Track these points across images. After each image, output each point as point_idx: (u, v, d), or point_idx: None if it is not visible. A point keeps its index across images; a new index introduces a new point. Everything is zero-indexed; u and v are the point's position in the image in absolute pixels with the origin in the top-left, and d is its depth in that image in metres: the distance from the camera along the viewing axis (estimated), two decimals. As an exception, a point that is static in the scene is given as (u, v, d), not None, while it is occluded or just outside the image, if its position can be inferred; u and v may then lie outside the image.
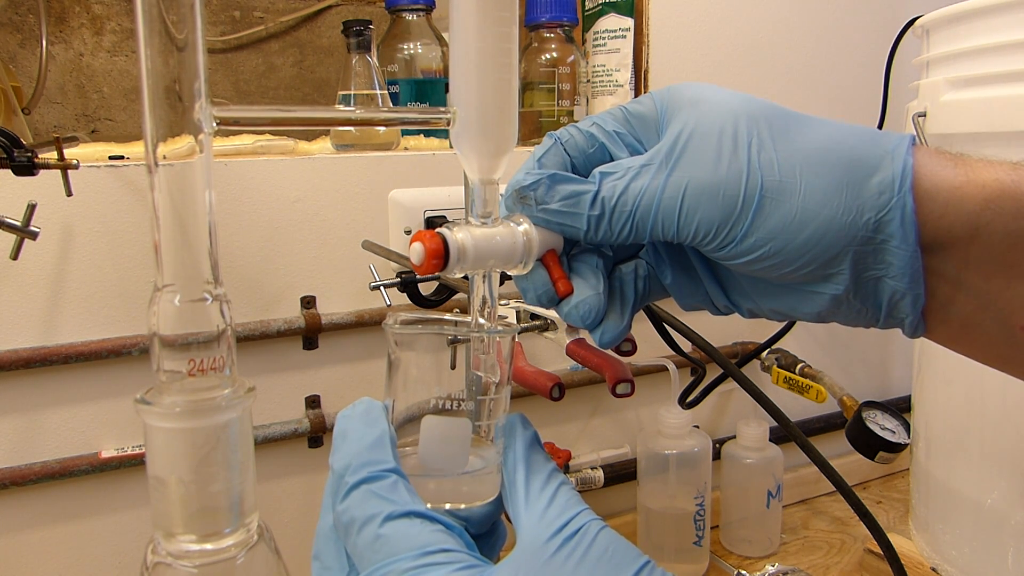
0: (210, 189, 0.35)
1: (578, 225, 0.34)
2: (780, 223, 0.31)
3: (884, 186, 0.31)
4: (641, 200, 0.33)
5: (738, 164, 0.32)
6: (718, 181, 0.32)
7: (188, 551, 0.36)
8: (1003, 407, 0.66)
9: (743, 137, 0.32)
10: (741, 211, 0.32)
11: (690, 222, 0.32)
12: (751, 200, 0.32)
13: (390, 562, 0.29)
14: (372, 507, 0.31)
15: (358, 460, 0.32)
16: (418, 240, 0.32)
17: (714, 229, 0.32)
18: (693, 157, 0.33)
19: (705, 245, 0.33)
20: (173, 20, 0.32)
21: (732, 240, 0.32)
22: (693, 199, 0.32)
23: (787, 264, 0.32)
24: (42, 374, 0.65)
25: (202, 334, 0.35)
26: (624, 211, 0.33)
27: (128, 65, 0.99)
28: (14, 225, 0.59)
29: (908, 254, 0.31)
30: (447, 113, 0.35)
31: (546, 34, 0.87)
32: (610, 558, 0.29)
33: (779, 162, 0.32)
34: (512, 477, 0.33)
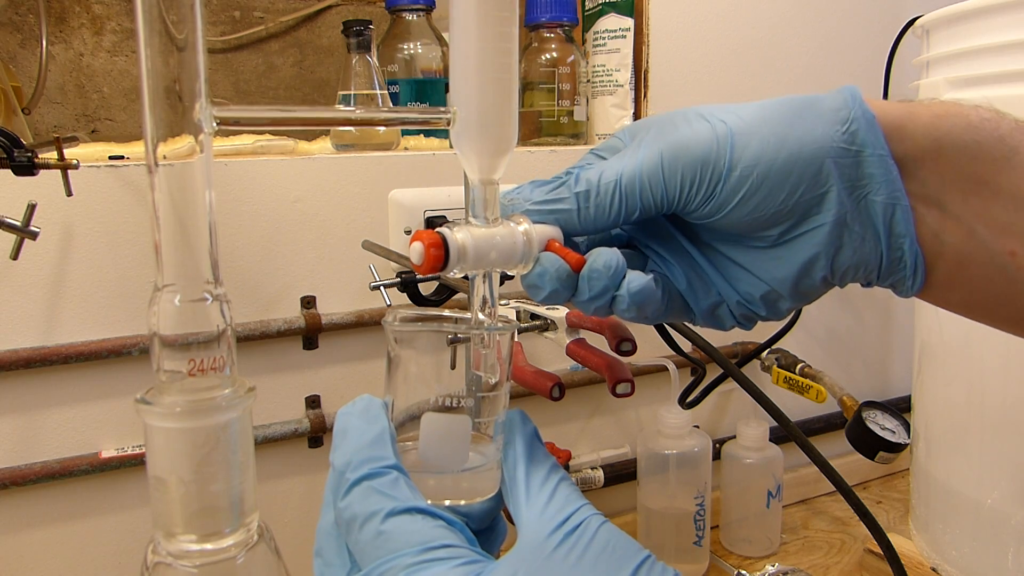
0: (210, 189, 0.35)
1: (568, 206, 0.35)
2: (758, 149, 0.33)
3: (840, 105, 0.34)
4: (623, 173, 0.35)
5: (702, 122, 0.34)
6: (689, 137, 0.34)
7: (188, 551, 0.36)
8: (1003, 407, 0.66)
9: (702, 110, 0.35)
10: (718, 150, 0.33)
11: (674, 177, 0.34)
12: (724, 141, 0.33)
13: (392, 558, 0.29)
14: (374, 503, 0.31)
15: (358, 457, 0.32)
16: (418, 240, 0.32)
17: (697, 176, 0.34)
18: (660, 132, 0.35)
19: (695, 199, 0.34)
20: (173, 20, 0.32)
21: (719, 179, 0.34)
22: (671, 157, 0.34)
23: (779, 190, 0.33)
24: (42, 374, 0.65)
25: (202, 334, 0.35)
26: (609, 185, 0.35)
27: (128, 65, 0.99)
28: (14, 225, 0.59)
29: (883, 160, 0.33)
30: (447, 113, 0.35)
31: (546, 34, 0.87)
32: (611, 552, 0.29)
33: (739, 113, 0.35)
34: (512, 473, 0.33)
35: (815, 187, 0.33)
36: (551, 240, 0.35)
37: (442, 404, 0.33)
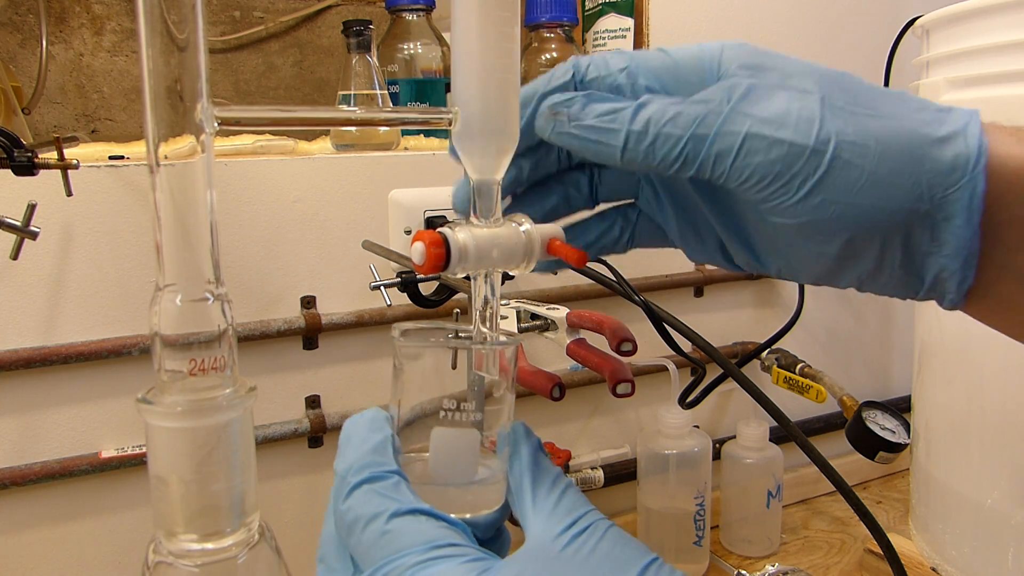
0: (211, 189, 0.35)
1: (614, 142, 0.31)
2: (847, 185, 0.29)
3: (957, 163, 0.29)
4: (696, 128, 0.29)
5: (809, 113, 0.29)
6: (787, 126, 0.29)
7: (189, 550, 0.36)
8: (1003, 407, 0.66)
9: (814, 90, 0.30)
10: (806, 164, 0.29)
11: (747, 165, 0.29)
12: (820, 155, 0.29)
13: (398, 556, 0.29)
14: (376, 505, 0.31)
15: (360, 462, 0.32)
16: (419, 240, 0.32)
17: (770, 178, 0.29)
18: (759, 98, 0.30)
19: (754, 193, 0.30)
20: (174, 20, 0.32)
21: (787, 194, 0.29)
22: (756, 139, 0.29)
23: (840, 231, 0.30)
24: (42, 374, 0.65)
25: (203, 334, 0.35)
26: (673, 135, 0.30)
27: (128, 65, 0.99)
28: (14, 225, 0.59)
29: (968, 236, 0.29)
30: (448, 113, 0.35)
31: (546, 34, 0.88)
32: (619, 554, 0.29)
33: (853, 120, 0.29)
34: (519, 481, 0.33)
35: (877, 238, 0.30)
36: (552, 239, 0.35)
37: (450, 418, 0.33)
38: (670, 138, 0.30)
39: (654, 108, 0.30)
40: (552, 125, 0.32)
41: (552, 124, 0.32)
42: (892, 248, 0.30)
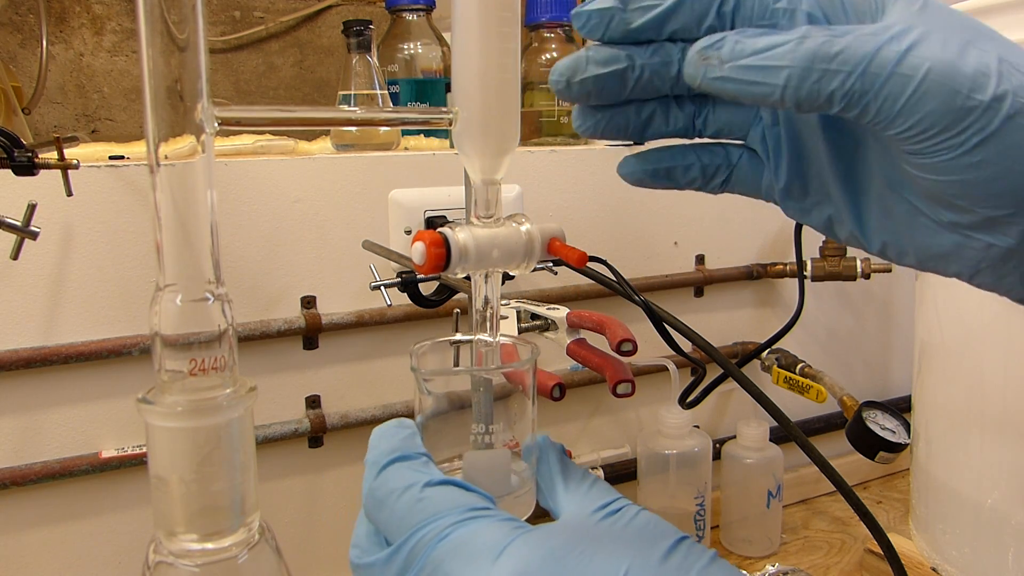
0: (211, 189, 0.35)
1: (774, 80, 0.27)
2: (1015, 147, 0.26)
3: None
4: (871, 60, 0.27)
5: (986, 66, 0.27)
6: (965, 71, 0.26)
7: (190, 550, 0.36)
8: (1003, 407, 0.66)
9: (989, 45, 0.27)
10: (980, 118, 0.26)
11: (917, 108, 0.27)
12: (995, 111, 0.26)
13: (436, 517, 0.30)
14: (409, 478, 0.31)
15: (390, 447, 0.33)
16: (420, 240, 0.32)
17: (938, 128, 0.27)
18: (936, 41, 0.27)
19: (914, 143, 0.28)
20: (174, 20, 0.33)
21: (950, 148, 0.27)
22: (934, 80, 0.26)
23: (995, 196, 0.27)
24: (42, 374, 0.65)
25: (204, 334, 0.35)
26: (842, 71, 0.27)
27: (128, 65, 0.99)
28: (14, 225, 0.59)
29: None
30: (449, 113, 0.35)
31: (546, 34, 0.88)
32: (652, 529, 0.30)
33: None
34: (550, 478, 0.34)
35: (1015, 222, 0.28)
36: (553, 239, 0.35)
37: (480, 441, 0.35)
38: (838, 75, 0.27)
39: (820, 40, 0.27)
40: (703, 70, 0.29)
41: (703, 69, 0.29)
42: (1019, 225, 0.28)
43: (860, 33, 0.27)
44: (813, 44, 0.27)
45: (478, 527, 0.29)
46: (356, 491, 0.79)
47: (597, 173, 0.87)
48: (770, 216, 0.99)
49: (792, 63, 0.27)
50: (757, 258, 0.98)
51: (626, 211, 0.89)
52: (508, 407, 0.36)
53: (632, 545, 0.29)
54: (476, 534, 0.29)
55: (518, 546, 0.28)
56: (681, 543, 0.29)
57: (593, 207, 0.87)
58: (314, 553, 0.78)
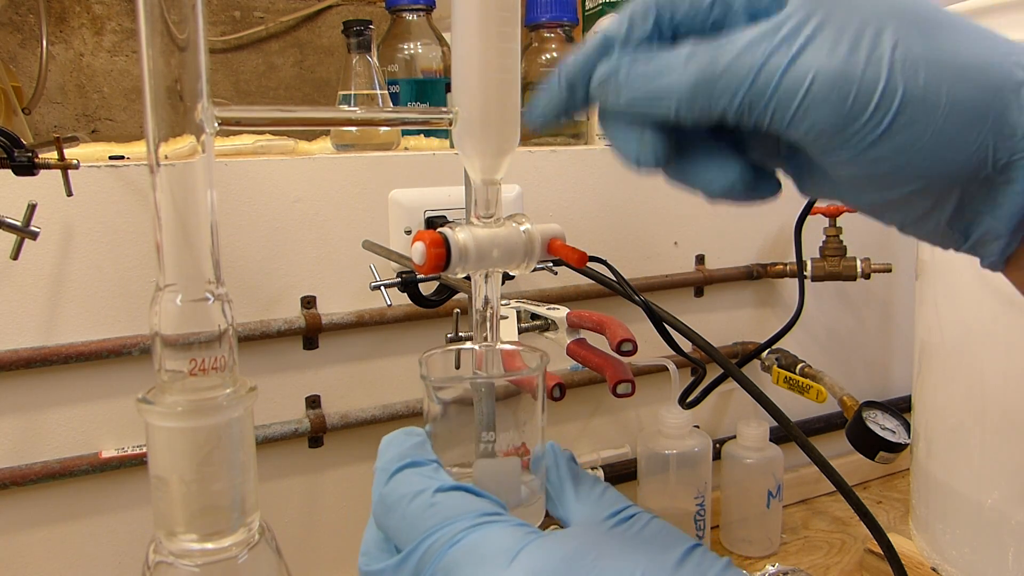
0: (211, 189, 0.35)
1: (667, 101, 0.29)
2: (907, 143, 0.27)
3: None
4: (756, 76, 0.27)
5: (878, 60, 0.27)
6: (852, 75, 0.27)
7: (190, 550, 0.36)
8: (1003, 407, 0.66)
9: (887, 35, 0.27)
10: (869, 120, 0.27)
11: (807, 116, 0.27)
12: (884, 111, 0.27)
13: (448, 523, 0.30)
14: (420, 484, 0.31)
15: (401, 454, 0.33)
16: (420, 240, 0.32)
17: (830, 130, 0.27)
18: (825, 41, 0.27)
19: (812, 144, 0.28)
20: (175, 20, 0.33)
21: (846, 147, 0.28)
22: (820, 89, 0.27)
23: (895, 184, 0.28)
24: (42, 374, 0.65)
25: (204, 334, 0.35)
26: (731, 84, 0.28)
27: (128, 65, 0.99)
28: (14, 225, 0.59)
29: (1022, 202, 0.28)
30: (449, 113, 0.35)
31: (546, 34, 0.88)
32: (664, 537, 0.30)
33: (925, 70, 0.27)
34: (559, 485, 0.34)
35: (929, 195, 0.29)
36: (553, 239, 0.35)
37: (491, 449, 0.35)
38: (723, 97, 0.28)
39: (705, 60, 0.28)
40: (604, 99, 0.30)
41: (604, 98, 0.30)
42: (944, 204, 0.29)
43: (747, 41, 0.28)
44: (698, 66, 0.28)
45: (490, 532, 0.29)
46: (356, 491, 0.79)
47: (597, 173, 0.87)
48: (770, 216, 0.99)
49: (680, 88, 0.28)
50: (757, 258, 0.98)
51: (626, 211, 0.89)
52: (517, 415, 0.36)
53: (645, 552, 0.29)
54: (488, 539, 0.29)
55: (531, 551, 0.28)
56: (694, 550, 0.29)
57: (593, 207, 0.87)
58: (314, 553, 0.78)
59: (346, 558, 0.80)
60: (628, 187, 0.89)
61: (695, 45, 0.29)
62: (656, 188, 0.91)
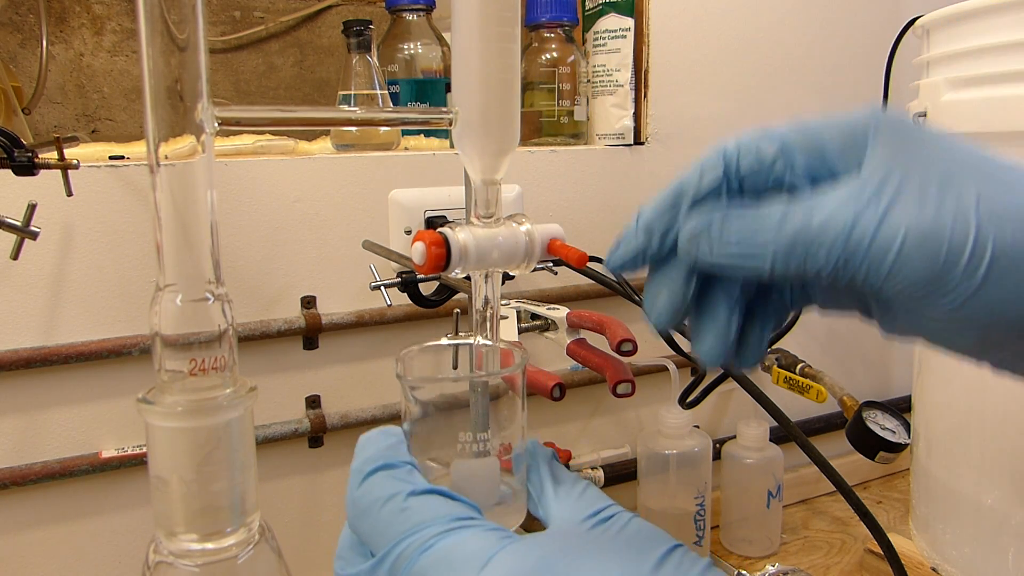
0: (211, 189, 0.35)
1: (762, 264, 0.29)
2: (999, 295, 0.27)
3: None
4: (848, 236, 0.28)
5: (964, 220, 0.27)
6: (941, 230, 0.27)
7: (190, 550, 0.36)
8: (1003, 407, 0.66)
9: (970, 190, 0.28)
10: (964, 272, 0.27)
11: (900, 272, 0.28)
12: (976, 268, 0.27)
13: (420, 527, 0.29)
14: (393, 487, 0.31)
15: (375, 455, 0.33)
16: (420, 240, 0.32)
17: (923, 284, 0.28)
18: (911, 199, 0.28)
19: (906, 298, 0.29)
20: (175, 20, 0.32)
21: (937, 303, 0.28)
22: (912, 246, 0.27)
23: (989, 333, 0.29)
24: (42, 374, 0.65)
25: (203, 334, 0.35)
26: (823, 250, 0.28)
27: (128, 65, 0.99)
28: (14, 225, 0.59)
29: None
30: (449, 113, 0.35)
31: (546, 34, 0.88)
32: (644, 538, 0.29)
33: (1011, 223, 0.27)
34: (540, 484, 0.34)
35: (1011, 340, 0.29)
36: (553, 239, 0.35)
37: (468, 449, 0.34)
38: (819, 253, 0.28)
39: (799, 218, 0.29)
40: (696, 255, 0.31)
41: (696, 254, 0.31)
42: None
43: (838, 201, 0.28)
44: (793, 225, 0.28)
45: (463, 537, 0.29)
46: (356, 491, 0.79)
47: (597, 173, 0.87)
48: (770, 216, 0.99)
49: (776, 244, 0.29)
50: (757, 258, 0.98)
51: (626, 211, 0.89)
52: (497, 412, 0.35)
53: (623, 554, 0.29)
54: (460, 545, 0.29)
55: (504, 557, 0.28)
56: (674, 551, 0.29)
57: (593, 207, 0.87)
58: (314, 553, 0.78)
59: (346, 558, 0.79)
60: (628, 187, 0.89)
61: (787, 204, 0.29)
62: (656, 188, 0.91)
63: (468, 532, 0.29)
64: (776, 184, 0.31)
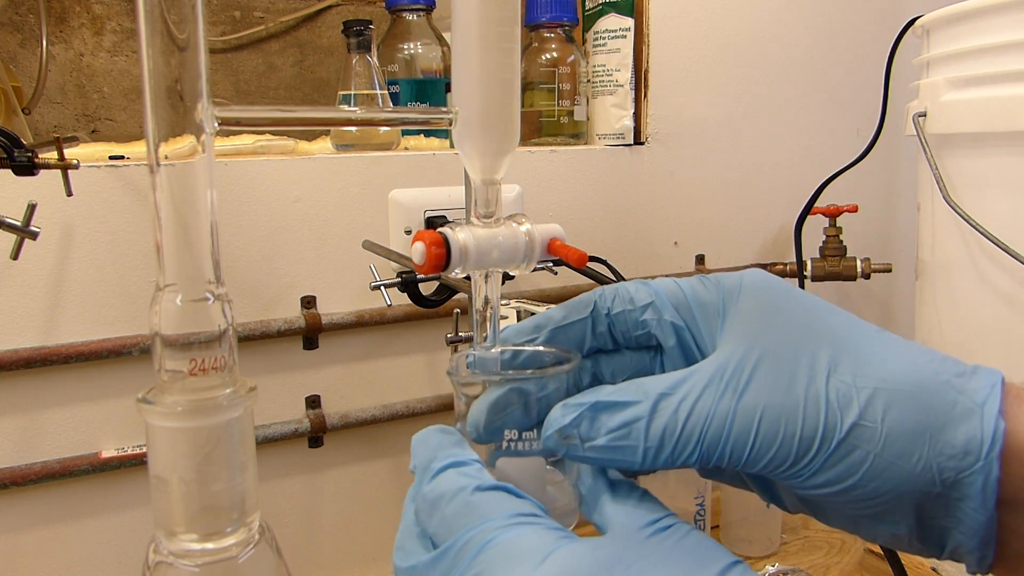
0: (212, 189, 0.35)
1: (632, 458, 0.31)
2: (853, 467, 0.29)
3: (971, 446, 0.29)
4: (709, 427, 0.30)
5: (816, 396, 0.30)
6: (795, 411, 0.30)
7: (190, 550, 0.36)
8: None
9: (821, 364, 0.30)
10: (819, 448, 0.29)
11: (763, 454, 0.30)
12: (830, 438, 0.29)
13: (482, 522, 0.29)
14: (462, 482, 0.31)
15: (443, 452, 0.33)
16: (420, 240, 0.32)
17: (788, 462, 0.30)
18: (766, 380, 0.30)
19: (771, 474, 0.30)
20: (174, 20, 0.32)
21: (800, 476, 0.30)
22: (769, 428, 0.30)
23: (852, 502, 0.30)
24: (42, 374, 0.65)
25: (203, 334, 0.35)
26: (691, 439, 0.30)
27: (128, 65, 0.99)
28: (14, 225, 0.59)
29: (983, 520, 0.29)
30: (449, 113, 0.35)
31: (546, 34, 0.88)
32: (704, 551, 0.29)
33: (859, 400, 0.30)
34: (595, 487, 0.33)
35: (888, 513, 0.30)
36: (553, 239, 0.35)
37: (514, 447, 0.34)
38: (688, 444, 0.30)
39: (667, 416, 0.30)
40: (565, 449, 0.32)
41: (565, 448, 0.32)
42: (908, 521, 0.30)
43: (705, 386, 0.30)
44: (662, 421, 0.30)
45: (523, 533, 0.29)
46: (356, 491, 0.79)
47: (597, 173, 0.87)
48: (770, 216, 0.99)
49: (646, 444, 0.30)
50: (757, 258, 0.98)
51: (626, 211, 0.89)
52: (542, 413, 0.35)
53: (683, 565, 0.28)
54: (520, 540, 0.29)
55: (562, 555, 0.28)
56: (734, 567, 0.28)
57: (593, 207, 0.87)
58: (314, 553, 0.78)
59: (346, 558, 0.80)
60: (628, 187, 0.89)
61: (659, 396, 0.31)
62: (656, 188, 0.91)
63: (528, 528, 0.29)
64: (642, 328, 0.35)
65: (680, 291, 0.35)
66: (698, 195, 0.94)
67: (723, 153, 0.96)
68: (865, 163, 0.84)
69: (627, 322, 0.35)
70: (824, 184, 0.87)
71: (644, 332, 0.35)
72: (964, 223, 0.64)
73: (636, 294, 0.35)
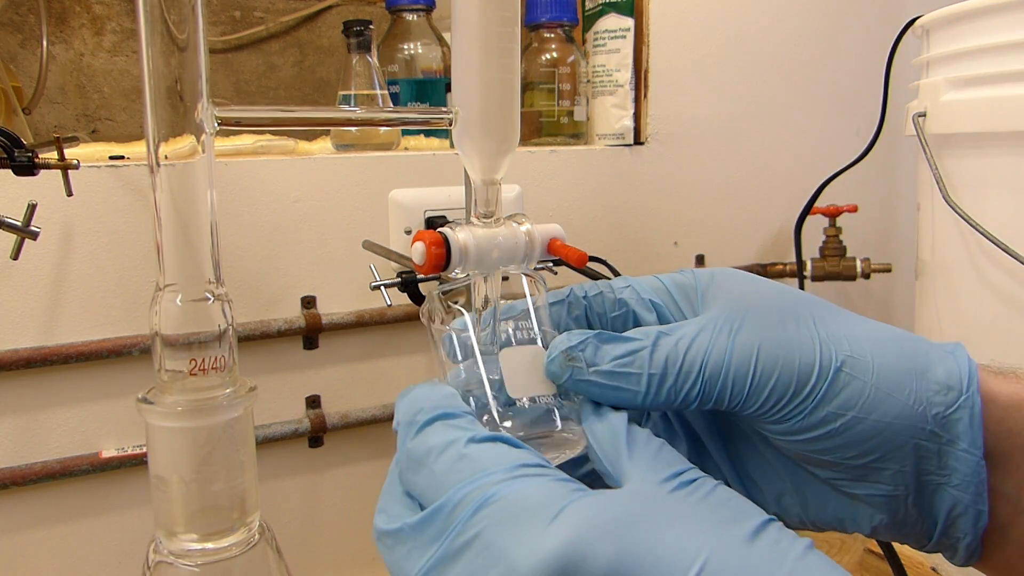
0: (211, 189, 0.35)
1: (636, 387, 0.30)
2: (852, 398, 0.29)
3: (952, 381, 0.30)
4: (709, 357, 0.30)
5: (808, 332, 0.30)
6: (791, 343, 0.30)
7: (190, 550, 0.36)
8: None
9: (804, 311, 0.31)
10: (817, 379, 0.29)
11: (764, 385, 0.30)
12: (827, 368, 0.30)
13: (480, 475, 0.26)
14: (452, 434, 0.27)
15: (430, 404, 0.29)
16: (420, 240, 0.32)
17: (788, 395, 0.30)
18: (758, 321, 0.31)
19: (771, 415, 0.30)
20: (174, 20, 0.33)
21: (802, 411, 0.30)
22: (768, 359, 0.30)
23: (850, 446, 0.30)
24: (42, 374, 0.65)
25: (203, 334, 0.35)
26: (692, 369, 0.30)
27: (128, 65, 0.99)
28: (14, 225, 0.59)
29: (974, 461, 0.29)
30: (449, 113, 0.35)
31: (546, 34, 0.88)
32: (735, 507, 0.26)
33: (847, 338, 0.31)
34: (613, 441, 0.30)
35: (886, 459, 0.30)
36: (553, 239, 0.35)
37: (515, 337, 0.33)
38: (690, 376, 0.30)
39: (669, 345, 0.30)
40: (570, 372, 0.31)
41: (570, 371, 0.31)
42: (902, 472, 0.30)
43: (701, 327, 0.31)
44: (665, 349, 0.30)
45: (529, 486, 0.25)
46: (356, 491, 0.79)
47: (597, 173, 0.87)
48: (770, 216, 0.99)
49: (650, 370, 0.30)
50: (757, 258, 0.98)
51: (626, 211, 0.89)
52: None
53: (711, 523, 0.25)
54: (527, 494, 0.25)
55: (576, 509, 0.24)
56: (769, 525, 0.25)
57: (593, 207, 0.87)
58: (314, 553, 0.78)
59: (346, 558, 0.80)
60: (628, 187, 0.89)
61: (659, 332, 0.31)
62: (656, 188, 0.91)
63: (535, 481, 0.25)
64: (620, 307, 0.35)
65: (657, 280, 0.36)
66: (698, 195, 0.94)
67: (723, 153, 0.96)
68: (865, 163, 0.84)
69: (604, 303, 0.35)
70: (824, 184, 0.87)
71: (622, 312, 0.35)
72: (964, 223, 0.64)
73: (614, 282, 0.36)
